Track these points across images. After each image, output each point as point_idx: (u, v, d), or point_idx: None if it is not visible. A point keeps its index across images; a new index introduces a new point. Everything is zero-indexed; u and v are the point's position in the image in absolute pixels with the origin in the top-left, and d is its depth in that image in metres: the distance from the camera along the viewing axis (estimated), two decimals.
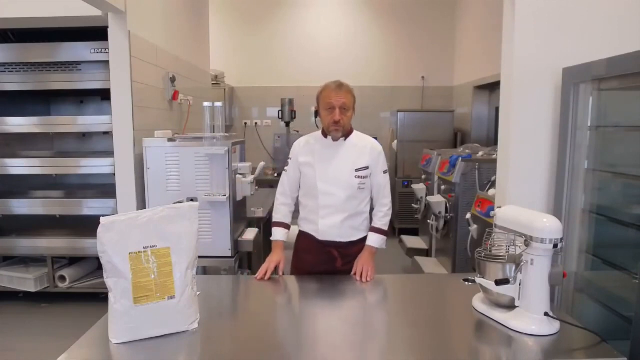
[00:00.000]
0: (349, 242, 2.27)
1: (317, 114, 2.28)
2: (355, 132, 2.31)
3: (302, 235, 2.37)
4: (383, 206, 2.32)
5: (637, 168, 1.98)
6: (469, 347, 1.65)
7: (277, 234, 2.31)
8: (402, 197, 5.90)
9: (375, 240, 2.28)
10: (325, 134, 2.27)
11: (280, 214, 2.35)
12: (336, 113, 2.14)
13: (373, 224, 2.32)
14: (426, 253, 4.48)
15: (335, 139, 2.24)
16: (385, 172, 2.31)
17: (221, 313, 1.90)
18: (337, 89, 2.17)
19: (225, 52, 6.45)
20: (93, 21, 3.29)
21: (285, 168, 2.36)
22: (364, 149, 2.26)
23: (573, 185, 2.15)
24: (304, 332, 1.70)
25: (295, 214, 2.42)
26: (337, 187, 2.21)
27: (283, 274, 2.22)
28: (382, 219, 2.31)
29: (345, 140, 2.25)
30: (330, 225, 2.23)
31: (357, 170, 2.22)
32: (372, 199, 2.34)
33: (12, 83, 3.69)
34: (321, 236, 2.26)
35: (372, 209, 2.35)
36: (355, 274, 2.19)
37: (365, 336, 1.66)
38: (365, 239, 2.30)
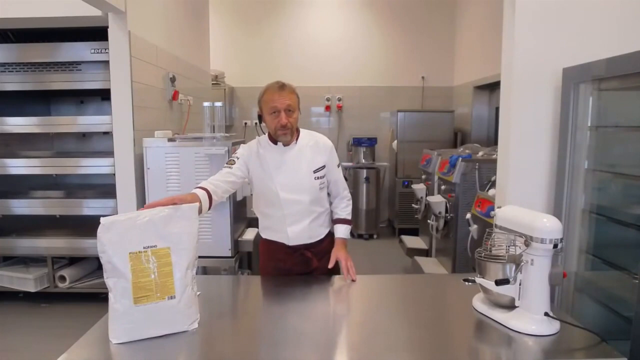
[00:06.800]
0: (318, 241, 2.25)
1: (260, 118, 2.15)
2: (302, 131, 2.19)
3: (268, 243, 2.27)
4: (344, 197, 2.31)
5: (637, 168, 1.98)
6: (469, 347, 1.65)
7: (196, 191, 1.93)
8: (402, 197, 5.90)
9: (343, 231, 2.27)
10: (273, 140, 2.14)
11: (208, 183, 2.02)
12: (282, 116, 2.02)
13: (337, 216, 2.29)
14: (426, 253, 4.48)
15: (285, 144, 2.12)
16: (338, 166, 2.27)
17: (221, 313, 1.90)
18: (280, 90, 2.04)
19: (225, 52, 6.45)
20: (93, 21, 3.30)
21: (231, 165, 2.11)
22: (316, 148, 2.17)
23: (573, 185, 2.15)
24: (304, 332, 1.70)
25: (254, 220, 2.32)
26: (300, 194, 2.13)
27: None
28: (345, 209, 2.30)
29: (296, 143, 2.15)
30: (299, 230, 2.18)
31: (314, 172, 2.14)
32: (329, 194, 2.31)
33: (12, 83, 3.70)
34: (292, 242, 2.20)
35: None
36: (338, 271, 2.16)
37: (366, 336, 1.66)
38: (330, 232, 2.30)
